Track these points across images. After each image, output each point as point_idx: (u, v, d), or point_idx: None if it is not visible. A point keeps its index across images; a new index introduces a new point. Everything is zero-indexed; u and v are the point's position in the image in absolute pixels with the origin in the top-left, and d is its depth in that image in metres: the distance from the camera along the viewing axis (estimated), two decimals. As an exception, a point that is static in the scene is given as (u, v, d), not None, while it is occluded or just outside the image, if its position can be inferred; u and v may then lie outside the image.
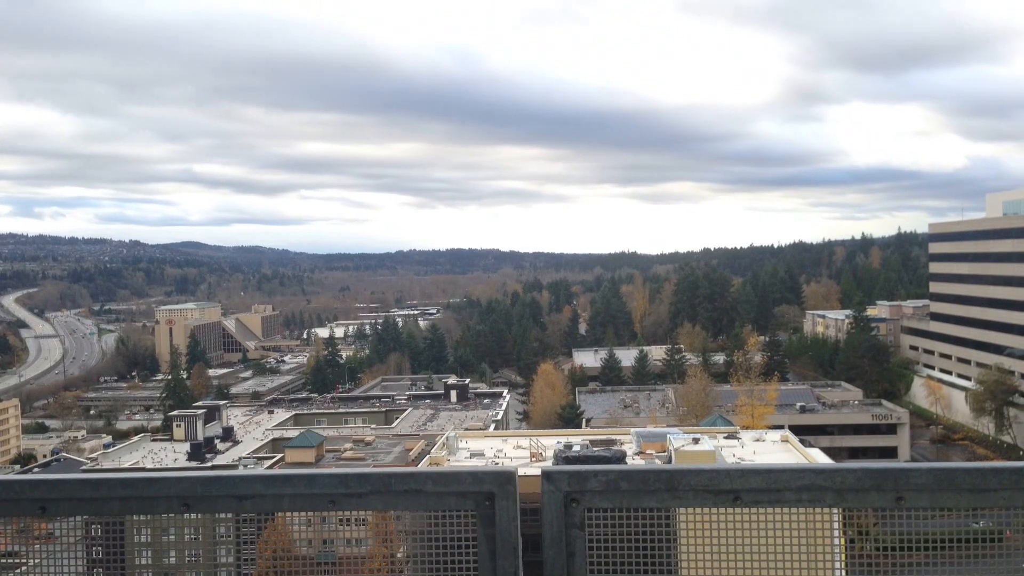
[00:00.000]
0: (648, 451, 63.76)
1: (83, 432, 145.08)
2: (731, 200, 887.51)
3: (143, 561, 4.74)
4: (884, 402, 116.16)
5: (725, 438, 69.92)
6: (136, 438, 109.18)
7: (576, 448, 58.93)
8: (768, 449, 66.27)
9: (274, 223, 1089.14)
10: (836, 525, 3.30)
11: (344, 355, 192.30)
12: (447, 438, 69.91)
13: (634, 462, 57.72)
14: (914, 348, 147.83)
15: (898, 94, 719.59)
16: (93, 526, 3.49)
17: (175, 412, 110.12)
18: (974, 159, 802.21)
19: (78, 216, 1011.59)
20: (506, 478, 3.06)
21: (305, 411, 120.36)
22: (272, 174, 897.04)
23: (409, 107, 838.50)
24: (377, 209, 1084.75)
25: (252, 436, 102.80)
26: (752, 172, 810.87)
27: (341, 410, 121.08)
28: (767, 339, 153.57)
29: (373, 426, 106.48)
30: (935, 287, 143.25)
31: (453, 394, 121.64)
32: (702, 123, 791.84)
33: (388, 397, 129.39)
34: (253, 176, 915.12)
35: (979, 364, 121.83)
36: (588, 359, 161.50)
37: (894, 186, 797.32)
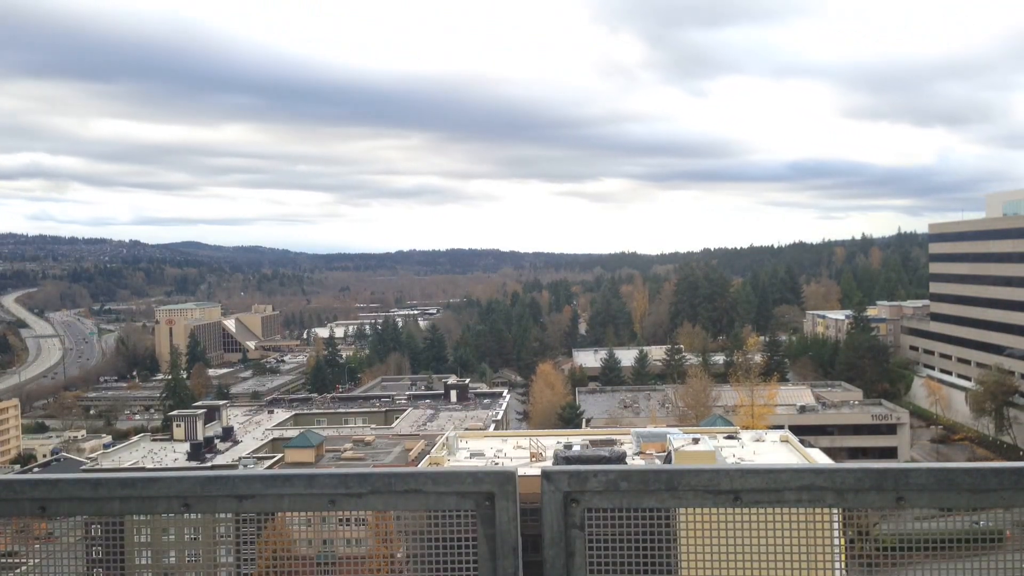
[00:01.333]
0: (648, 451, 63.76)
1: (83, 432, 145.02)
2: (653, 194, 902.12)
3: (143, 561, 4.74)
4: (884, 402, 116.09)
5: (725, 438, 69.92)
6: (136, 438, 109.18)
7: (576, 448, 58.94)
8: (768, 449, 66.26)
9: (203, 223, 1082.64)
10: (836, 525, 3.30)
11: (344, 355, 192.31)
12: (447, 438, 69.90)
13: (634, 462, 57.70)
14: (914, 348, 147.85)
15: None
16: (93, 526, 3.49)
17: (175, 412, 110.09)
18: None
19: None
20: (506, 478, 3.06)
21: (305, 411, 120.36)
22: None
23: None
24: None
25: (252, 436, 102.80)
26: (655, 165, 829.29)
27: (341, 410, 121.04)
28: (767, 339, 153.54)
29: (373, 426, 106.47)
30: (935, 287, 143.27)
31: (453, 394, 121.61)
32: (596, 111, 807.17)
33: (388, 397, 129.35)
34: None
35: (979, 364, 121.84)
36: (588, 359, 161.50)
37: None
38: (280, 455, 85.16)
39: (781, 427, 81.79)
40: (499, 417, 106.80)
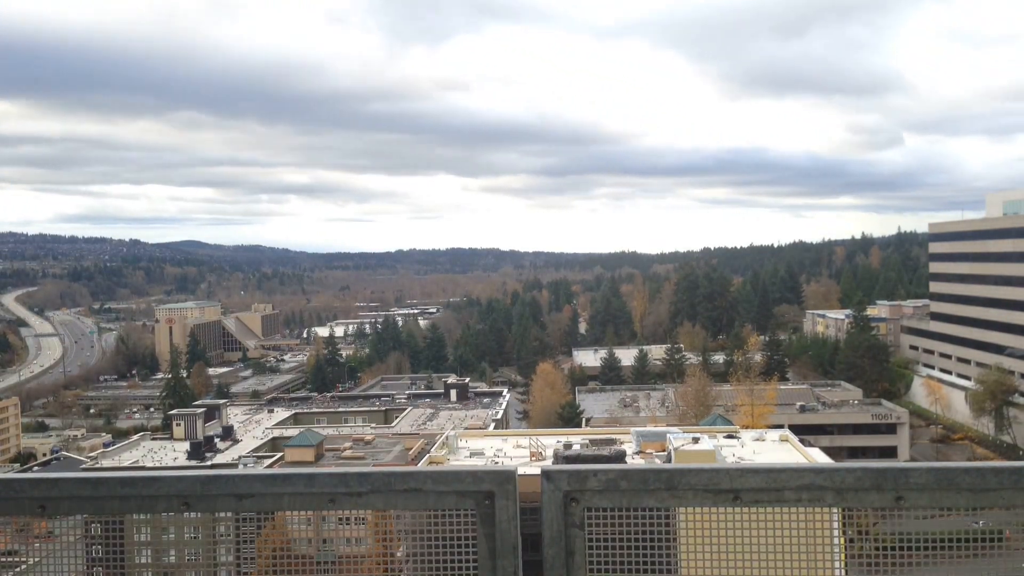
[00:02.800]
0: (648, 450, 63.80)
1: (83, 431, 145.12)
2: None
3: (143, 560, 4.74)
4: (884, 402, 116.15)
5: (725, 437, 69.97)
6: (136, 437, 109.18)
7: (576, 447, 58.98)
8: (768, 449, 66.29)
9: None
10: (836, 525, 3.30)
11: (344, 354, 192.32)
12: (447, 437, 69.98)
13: (634, 461, 57.74)
14: (914, 348, 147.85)
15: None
16: (93, 525, 3.49)
17: (175, 411, 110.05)
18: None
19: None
20: (506, 477, 3.06)
21: (305, 410, 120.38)
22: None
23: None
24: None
25: (252, 435, 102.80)
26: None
27: (341, 409, 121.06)
28: (767, 339, 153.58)
29: (373, 425, 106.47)
30: (935, 287, 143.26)
31: (453, 393, 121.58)
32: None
33: (388, 396, 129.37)
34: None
35: (979, 364, 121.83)
36: (588, 358, 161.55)
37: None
38: (280, 454, 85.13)
39: (781, 427, 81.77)
40: (499, 416, 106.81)
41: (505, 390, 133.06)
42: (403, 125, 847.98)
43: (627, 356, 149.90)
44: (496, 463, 60.22)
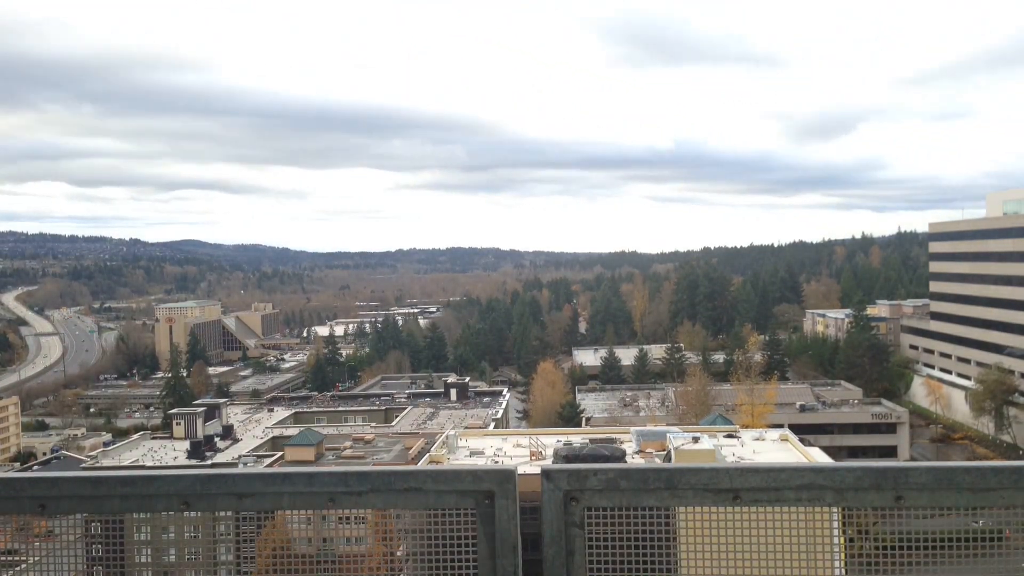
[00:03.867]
0: (648, 450, 63.81)
1: (83, 430, 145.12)
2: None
3: (143, 559, 4.74)
4: (884, 401, 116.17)
5: (725, 437, 69.98)
6: (136, 436, 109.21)
7: (576, 447, 58.97)
8: (768, 448, 66.29)
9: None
10: (836, 524, 3.30)
11: (344, 353, 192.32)
12: (447, 436, 69.97)
13: (634, 461, 57.75)
14: (914, 347, 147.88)
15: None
16: (93, 524, 3.49)
17: (175, 410, 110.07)
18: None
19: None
20: (506, 477, 3.07)
21: (305, 409, 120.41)
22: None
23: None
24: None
25: (252, 434, 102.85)
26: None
27: (341, 408, 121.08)
28: (767, 338, 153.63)
29: (373, 424, 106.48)
30: (935, 286, 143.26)
31: (453, 392, 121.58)
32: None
33: (388, 395, 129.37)
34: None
35: (979, 363, 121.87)
36: (588, 358, 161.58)
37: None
38: (280, 453, 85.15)
39: (781, 426, 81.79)
40: (499, 416, 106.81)
41: (505, 389, 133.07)
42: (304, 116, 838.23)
43: (627, 356, 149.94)
44: (496, 462, 60.22)
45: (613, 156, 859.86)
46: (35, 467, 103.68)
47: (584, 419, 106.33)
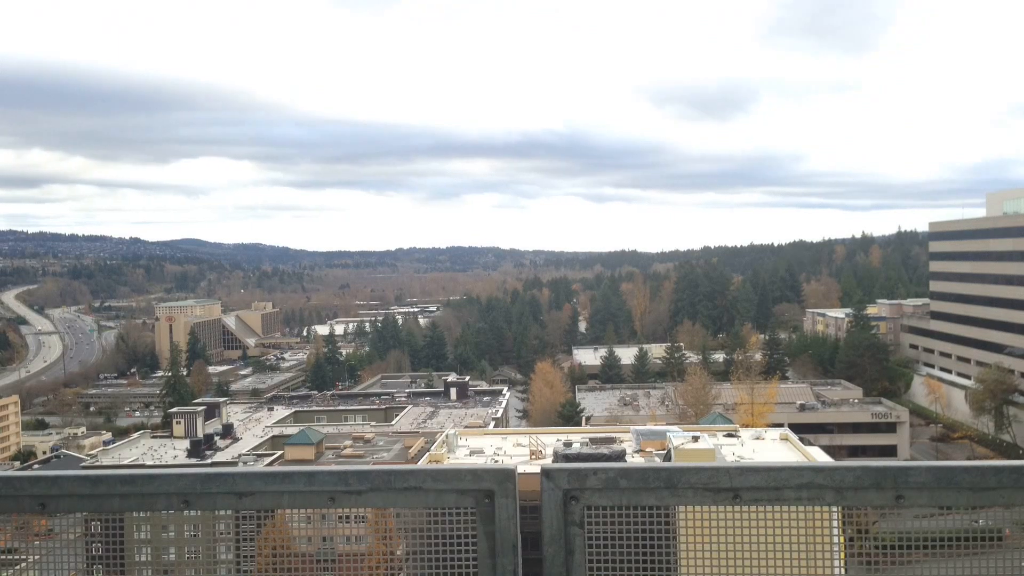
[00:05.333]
0: (647, 449, 63.77)
1: (83, 429, 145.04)
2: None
3: (143, 558, 4.74)
4: (884, 400, 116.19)
5: (725, 436, 69.96)
6: (136, 435, 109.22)
7: (576, 446, 58.95)
8: (768, 447, 66.28)
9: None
10: (835, 523, 3.30)
11: (344, 352, 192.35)
12: (447, 436, 69.90)
13: (633, 460, 57.76)
14: (914, 347, 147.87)
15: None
16: (93, 523, 3.49)
17: (175, 409, 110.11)
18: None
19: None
20: (506, 476, 3.07)
21: (305, 408, 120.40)
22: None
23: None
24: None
25: (252, 433, 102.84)
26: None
27: (341, 407, 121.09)
28: (767, 337, 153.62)
29: (373, 423, 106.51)
30: (935, 286, 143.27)
31: (453, 392, 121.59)
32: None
33: (388, 395, 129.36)
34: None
35: (979, 363, 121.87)
36: (588, 357, 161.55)
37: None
38: (280, 452, 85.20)
39: (781, 425, 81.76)
40: (499, 415, 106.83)
41: (505, 388, 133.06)
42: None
43: (627, 355, 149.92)
44: (496, 461, 60.23)
45: (490, 143, 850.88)
46: (35, 466, 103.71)
47: (584, 418, 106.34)
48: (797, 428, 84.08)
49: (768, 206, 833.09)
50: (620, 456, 53.39)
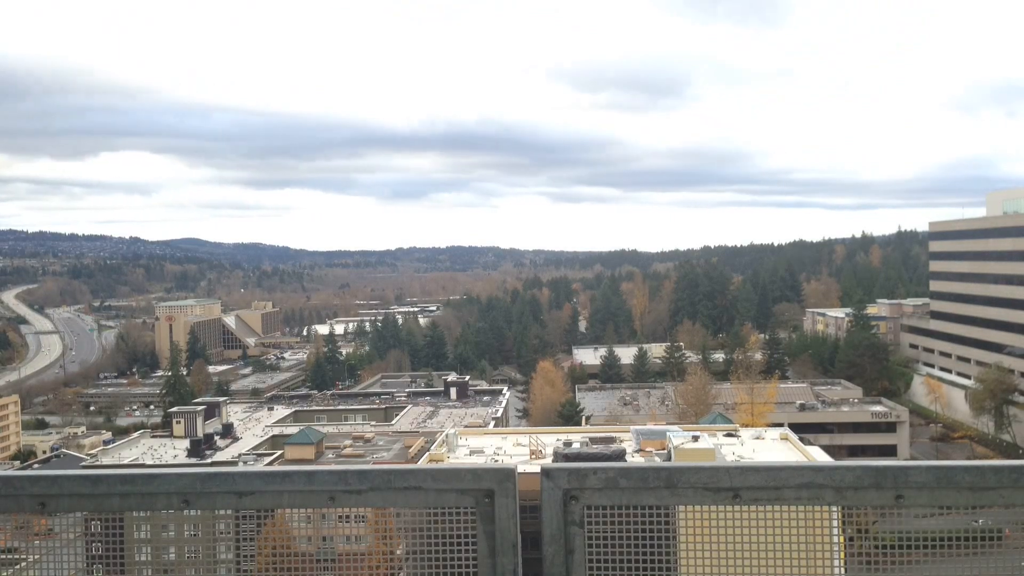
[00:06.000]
0: (647, 449, 63.76)
1: (83, 428, 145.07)
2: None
3: (143, 557, 4.74)
4: (884, 400, 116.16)
5: (725, 436, 69.96)
6: (136, 434, 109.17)
7: (576, 445, 58.99)
8: (768, 447, 66.27)
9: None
10: (835, 523, 3.30)
11: (344, 352, 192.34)
12: (447, 435, 69.91)
13: (633, 460, 57.74)
14: (914, 346, 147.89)
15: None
16: (93, 522, 3.50)
17: (175, 408, 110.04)
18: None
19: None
20: (505, 475, 3.07)
21: (305, 408, 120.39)
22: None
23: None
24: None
25: (252, 433, 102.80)
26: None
27: (341, 407, 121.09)
28: (767, 337, 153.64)
29: (373, 423, 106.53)
30: (935, 285, 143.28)
31: (453, 391, 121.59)
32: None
33: (388, 394, 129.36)
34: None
35: (979, 362, 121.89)
36: (588, 356, 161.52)
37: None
38: (280, 452, 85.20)
39: (781, 425, 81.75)
40: (499, 414, 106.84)
41: (505, 388, 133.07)
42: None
43: (627, 354, 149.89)
44: (496, 461, 60.21)
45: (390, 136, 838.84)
46: (35, 465, 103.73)
47: (584, 418, 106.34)
48: (797, 428, 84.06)
49: (737, 205, 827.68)
50: (620, 456, 53.41)
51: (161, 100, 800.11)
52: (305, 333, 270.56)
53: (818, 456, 63.10)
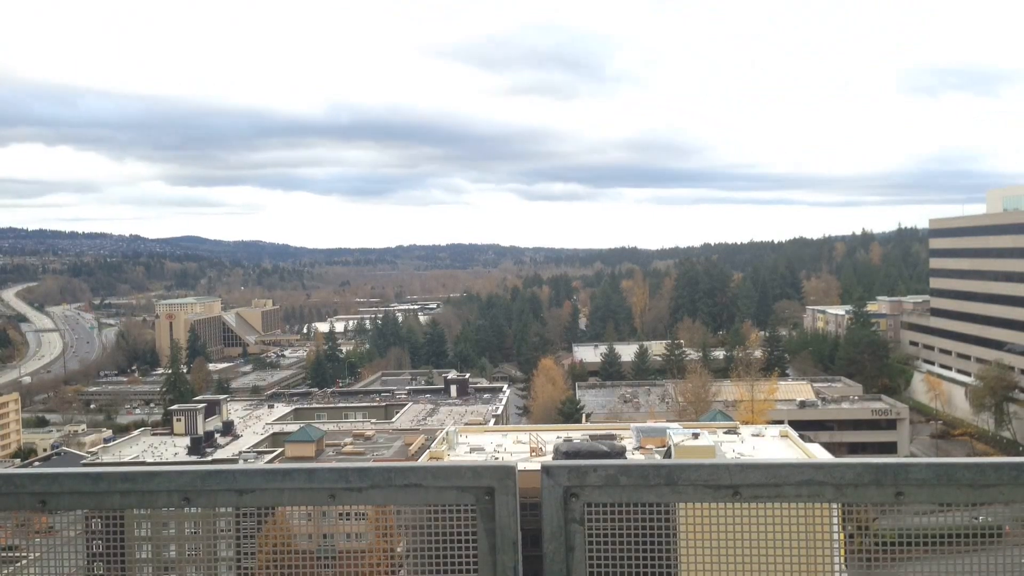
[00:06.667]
0: (648, 446, 63.78)
1: (83, 426, 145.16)
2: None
3: (143, 555, 4.74)
4: (884, 397, 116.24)
5: (725, 433, 69.95)
6: (136, 432, 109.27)
7: (576, 443, 58.98)
8: (768, 444, 66.27)
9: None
10: (835, 520, 3.30)
11: (344, 350, 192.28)
12: (447, 433, 69.90)
13: (634, 457, 57.76)
14: (914, 344, 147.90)
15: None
16: (93, 520, 3.50)
17: (175, 406, 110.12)
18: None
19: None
20: (506, 473, 3.07)
21: (305, 406, 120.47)
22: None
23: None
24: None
25: (252, 430, 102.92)
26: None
27: (341, 405, 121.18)
28: (767, 334, 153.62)
29: (373, 421, 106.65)
30: (935, 283, 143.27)
31: (453, 389, 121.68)
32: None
33: (388, 392, 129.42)
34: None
35: (979, 360, 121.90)
36: (588, 354, 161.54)
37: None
38: (280, 449, 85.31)
39: (781, 422, 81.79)
40: (499, 412, 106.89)
41: (505, 386, 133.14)
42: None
43: (627, 352, 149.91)
44: (496, 459, 60.20)
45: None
46: (35, 463, 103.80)
47: (584, 415, 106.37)
48: (797, 425, 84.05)
49: (710, 202, 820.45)
50: (620, 453, 53.43)
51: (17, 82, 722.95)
52: (305, 331, 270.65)
53: (818, 453, 63.08)
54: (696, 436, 62.49)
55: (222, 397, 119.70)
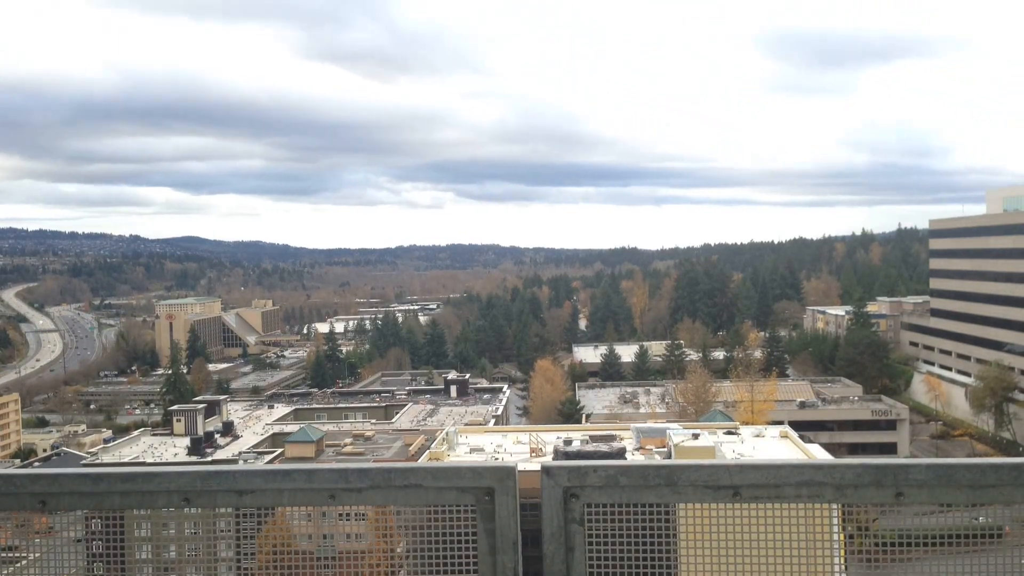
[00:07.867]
0: (647, 447, 63.77)
1: (83, 427, 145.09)
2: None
3: (143, 555, 4.74)
4: (884, 398, 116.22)
5: (725, 434, 69.92)
6: (136, 433, 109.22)
7: (576, 443, 58.97)
8: (768, 445, 66.25)
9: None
10: (835, 521, 3.30)
11: (344, 350, 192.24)
12: (447, 433, 69.89)
13: (634, 457, 57.75)
14: (914, 344, 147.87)
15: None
16: (93, 520, 3.50)
17: (175, 407, 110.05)
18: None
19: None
20: (506, 473, 3.07)
21: (305, 406, 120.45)
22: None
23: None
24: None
25: (252, 431, 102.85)
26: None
27: (341, 405, 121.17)
28: (767, 335, 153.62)
29: (373, 421, 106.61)
30: (935, 283, 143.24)
31: (453, 389, 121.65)
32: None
33: (388, 392, 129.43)
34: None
35: (979, 360, 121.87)
36: (588, 354, 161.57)
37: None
38: (280, 450, 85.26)
39: (781, 423, 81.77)
40: (499, 412, 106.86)
41: (505, 386, 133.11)
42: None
43: (627, 352, 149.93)
44: (496, 459, 60.08)
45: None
46: (36, 464, 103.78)
47: (584, 416, 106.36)
48: (797, 425, 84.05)
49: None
50: (620, 454, 53.41)
51: None
52: (305, 331, 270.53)
53: (818, 454, 63.07)
54: (696, 436, 62.51)
55: (222, 397, 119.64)
